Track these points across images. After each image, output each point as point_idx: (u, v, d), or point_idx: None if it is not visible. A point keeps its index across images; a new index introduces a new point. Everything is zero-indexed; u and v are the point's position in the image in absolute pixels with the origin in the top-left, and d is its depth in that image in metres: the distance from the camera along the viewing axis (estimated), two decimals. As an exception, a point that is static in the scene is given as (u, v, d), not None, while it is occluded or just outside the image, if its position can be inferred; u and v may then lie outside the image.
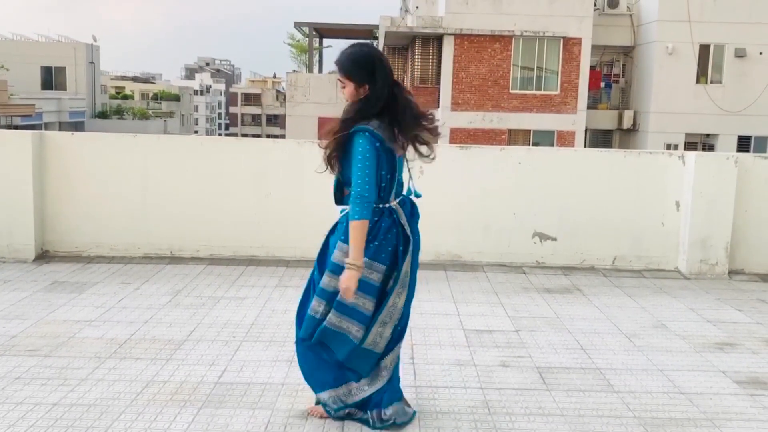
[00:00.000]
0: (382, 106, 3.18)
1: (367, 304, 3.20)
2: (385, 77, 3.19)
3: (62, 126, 40.31)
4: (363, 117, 3.17)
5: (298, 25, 37.25)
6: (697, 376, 4.16)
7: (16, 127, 31.95)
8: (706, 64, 25.05)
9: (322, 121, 30.20)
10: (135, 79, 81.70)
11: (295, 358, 4.17)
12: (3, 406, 3.46)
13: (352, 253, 3.11)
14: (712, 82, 25.14)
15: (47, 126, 37.58)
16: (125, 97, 66.19)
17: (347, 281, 3.09)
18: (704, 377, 4.15)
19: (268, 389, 3.77)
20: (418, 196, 3.55)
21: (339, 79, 3.26)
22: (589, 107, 25.95)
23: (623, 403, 3.73)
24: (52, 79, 45.25)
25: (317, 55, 40.19)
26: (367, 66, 3.18)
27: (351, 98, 3.23)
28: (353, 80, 3.20)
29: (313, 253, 7.05)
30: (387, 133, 3.17)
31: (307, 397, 3.63)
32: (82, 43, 47.02)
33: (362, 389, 3.32)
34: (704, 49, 24.89)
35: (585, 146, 25.37)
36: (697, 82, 25.04)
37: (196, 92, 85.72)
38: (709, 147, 25.21)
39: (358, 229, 3.09)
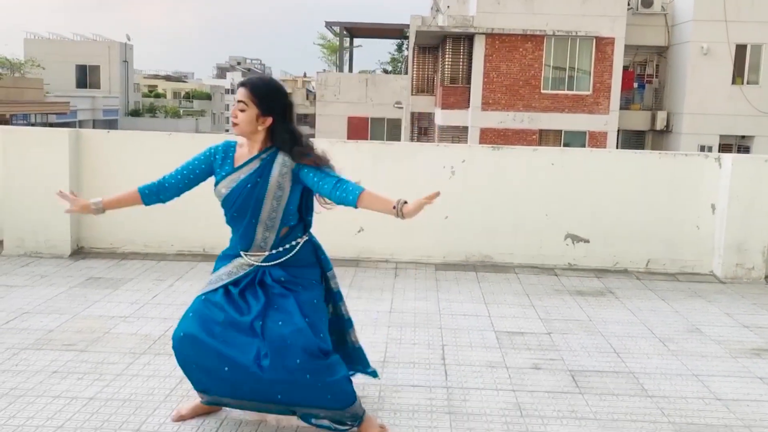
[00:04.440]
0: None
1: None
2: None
3: (96, 124, 40.99)
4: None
5: (329, 25, 37.40)
6: (734, 382, 4.09)
7: (51, 125, 32.54)
8: (742, 64, 24.64)
9: (352, 121, 30.32)
10: (167, 78, 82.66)
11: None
12: (41, 399, 3.52)
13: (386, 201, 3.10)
14: (748, 83, 24.71)
15: (81, 124, 38.23)
16: (157, 96, 67.05)
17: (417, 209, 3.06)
18: (741, 383, 4.08)
19: (300, 387, 3.78)
20: None
21: (240, 101, 3.18)
22: (621, 108, 25.68)
23: (657, 408, 3.68)
24: (86, 77, 45.98)
25: (347, 54, 40.29)
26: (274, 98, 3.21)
27: (245, 125, 3.19)
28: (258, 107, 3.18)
29: (339, 251, 7.10)
30: None
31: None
32: (116, 42, 47.70)
33: None
34: (741, 49, 24.48)
35: (617, 147, 25.10)
36: (733, 82, 24.63)
37: (227, 91, 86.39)
38: (744, 149, 24.79)
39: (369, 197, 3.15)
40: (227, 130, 77.68)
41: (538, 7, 24.50)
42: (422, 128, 30.62)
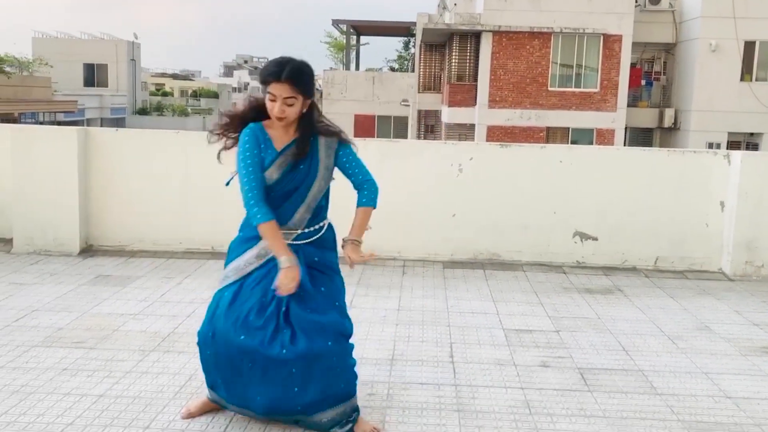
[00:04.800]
0: None
1: None
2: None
3: (103, 122, 41.11)
4: None
5: (336, 23, 37.39)
6: (744, 380, 4.07)
7: (59, 123, 32.65)
8: (751, 61, 24.51)
9: (359, 118, 30.31)
10: (175, 77, 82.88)
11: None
12: (51, 396, 3.54)
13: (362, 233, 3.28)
14: (757, 80, 24.58)
15: (89, 122, 38.36)
16: (165, 94, 67.23)
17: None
18: (751, 381, 4.07)
19: (309, 385, 3.78)
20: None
21: (279, 96, 3.08)
22: (629, 105, 25.59)
23: (667, 406, 3.67)
24: (94, 75, 46.12)
25: (354, 52, 40.29)
26: (312, 78, 3.21)
27: (294, 116, 3.13)
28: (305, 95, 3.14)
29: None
30: None
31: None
32: (124, 41, 47.82)
33: None
34: (749, 46, 24.36)
35: (624, 145, 25.03)
36: (742, 79, 24.50)
37: (234, 89, 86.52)
38: (753, 146, 24.67)
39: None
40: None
41: (545, 4, 24.44)
42: (429, 126, 30.58)
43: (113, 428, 3.22)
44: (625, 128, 25.54)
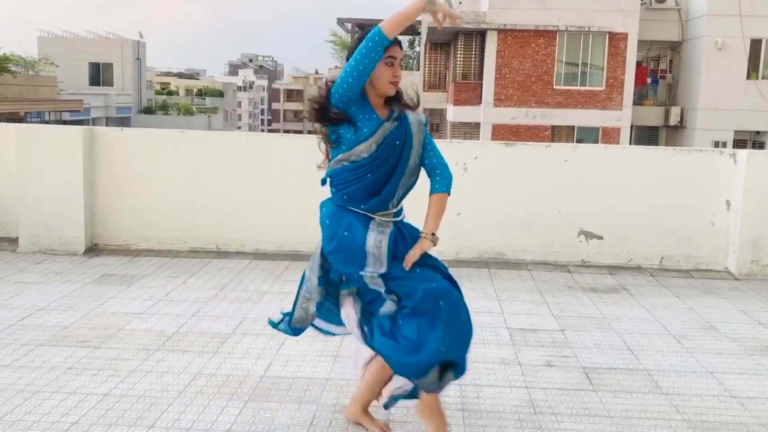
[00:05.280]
0: None
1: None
2: None
3: (109, 121, 41.19)
4: None
5: (341, 22, 37.34)
6: (749, 380, 4.06)
7: (65, 122, 32.73)
8: (757, 59, 24.41)
9: (363, 117, 30.17)
10: (180, 75, 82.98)
11: (340, 352, 4.21)
12: (57, 395, 3.55)
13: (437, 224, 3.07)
14: (763, 78, 24.48)
15: (95, 121, 38.43)
16: (170, 93, 67.32)
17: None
18: (756, 381, 4.05)
19: (313, 384, 3.79)
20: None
21: (397, 59, 2.98)
22: (634, 103, 25.53)
23: (672, 406, 3.66)
24: (99, 75, 46.19)
25: (359, 51, 40.20)
26: None
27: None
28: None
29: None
30: None
31: (352, 393, 3.65)
32: (129, 40, 47.88)
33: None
34: (755, 44, 24.25)
35: (630, 143, 24.97)
36: (748, 77, 24.41)
37: (239, 88, 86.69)
38: (759, 145, 24.58)
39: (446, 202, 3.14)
40: (239, 127, 77.88)
41: (551, 2, 24.38)
42: (434, 124, 30.55)
43: (118, 427, 3.23)
44: (631, 127, 25.47)
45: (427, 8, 2.84)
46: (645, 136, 26.83)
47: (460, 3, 27.30)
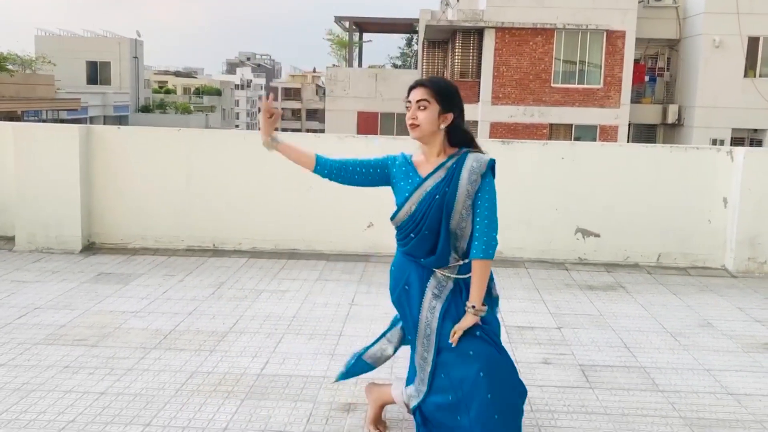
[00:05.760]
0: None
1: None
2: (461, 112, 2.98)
3: (106, 120, 41.14)
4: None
5: (338, 20, 37.34)
6: (746, 377, 4.06)
7: (63, 121, 32.68)
8: (754, 57, 24.42)
9: (362, 116, 30.30)
10: (177, 74, 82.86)
11: (337, 350, 4.22)
12: (53, 393, 3.54)
13: (480, 295, 2.91)
14: (761, 76, 24.49)
15: (92, 120, 38.38)
16: (168, 92, 67.23)
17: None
18: (753, 378, 4.06)
19: (310, 382, 3.79)
20: None
21: (413, 102, 2.91)
22: (632, 101, 25.53)
23: (668, 403, 3.67)
24: (97, 73, 46.11)
25: (357, 49, 40.25)
26: (454, 94, 2.96)
27: (428, 126, 2.89)
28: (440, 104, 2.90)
29: (349, 246, 7.12)
30: None
31: (348, 390, 3.65)
32: (127, 39, 47.80)
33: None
34: (753, 42, 24.26)
35: (628, 141, 24.98)
36: (745, 75, 24.42)
37: (237, 87, 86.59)
38: (756, 142, 24.61)
39: (488, 268, 2.94)
40: (237, 126, 77.83)
41: (548, 0, 24.38)
42: (432, 123, 30.48)
43: (114, 425, 3.22)
44: (629, 124, 25.47)
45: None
46: (643, 134, 26.84)
47: (458, 1, 27.30)
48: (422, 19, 27.38)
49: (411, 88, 2.95)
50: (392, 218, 3.02)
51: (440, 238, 2.91)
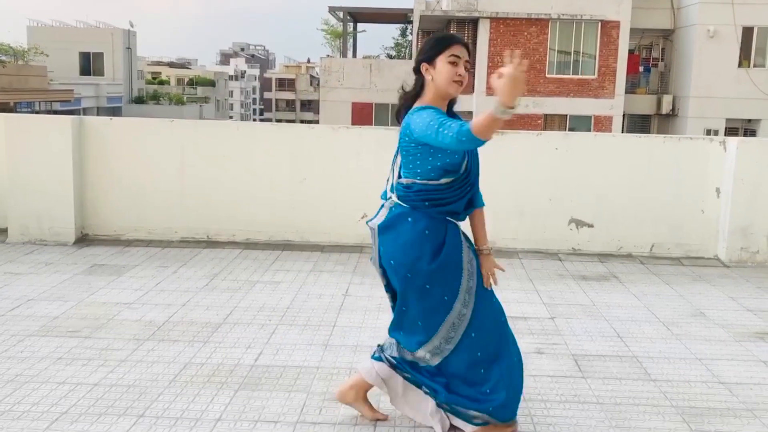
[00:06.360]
0: None
1: None
2: None
3: (100, 111, 40.97)
4: None
5: (333, 10, 37.21)
6: (737, 366, 4.09)
7: (56, 113, 32.53)
8: (749, 47, 24.44)
9: (356, 107, 30.23)
10: (171, 65, 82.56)
11: (330, 341, 4.22)
12: (46, 385, 3.54)
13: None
14: (755, 66, 24.53)
15: (85, 111, 38.20)
16: (161, 83, 66.96)
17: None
18: (744, 367, 4.08)
19: (304, 372, 3.80)
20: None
21: (462, 59, 2.95)
22: (627, 92, 25.54)
23: (660, 392, 3.69)
24: (90, 64, 45.87)
25: (351, 40, 40.13)
26: None
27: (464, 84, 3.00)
28: None
29: (342, 237, 7.11)
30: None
31: (342, 381, 3.65)
32: (120, 29, 47.54)
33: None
34: (747, 32, 24.28)
35: (622, 131, 25.01)
36: (740, 65, 24.45)
37: (231, 77, 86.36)
38: (750, 132, 24.66)
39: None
40: (231, 117, 77.60)
41: (543, -10, 24.34)
42: (426, 113, 30.44)
43: (108, 417, 3.23)
44: (623, 115, 25.50)
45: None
46: (637, 124, 26.88)
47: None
48: (417, 9, 27.30)
49: (455, 43, 2.92)
50: (449, 175, 3.01)
51: (476, 188, 3.20)
